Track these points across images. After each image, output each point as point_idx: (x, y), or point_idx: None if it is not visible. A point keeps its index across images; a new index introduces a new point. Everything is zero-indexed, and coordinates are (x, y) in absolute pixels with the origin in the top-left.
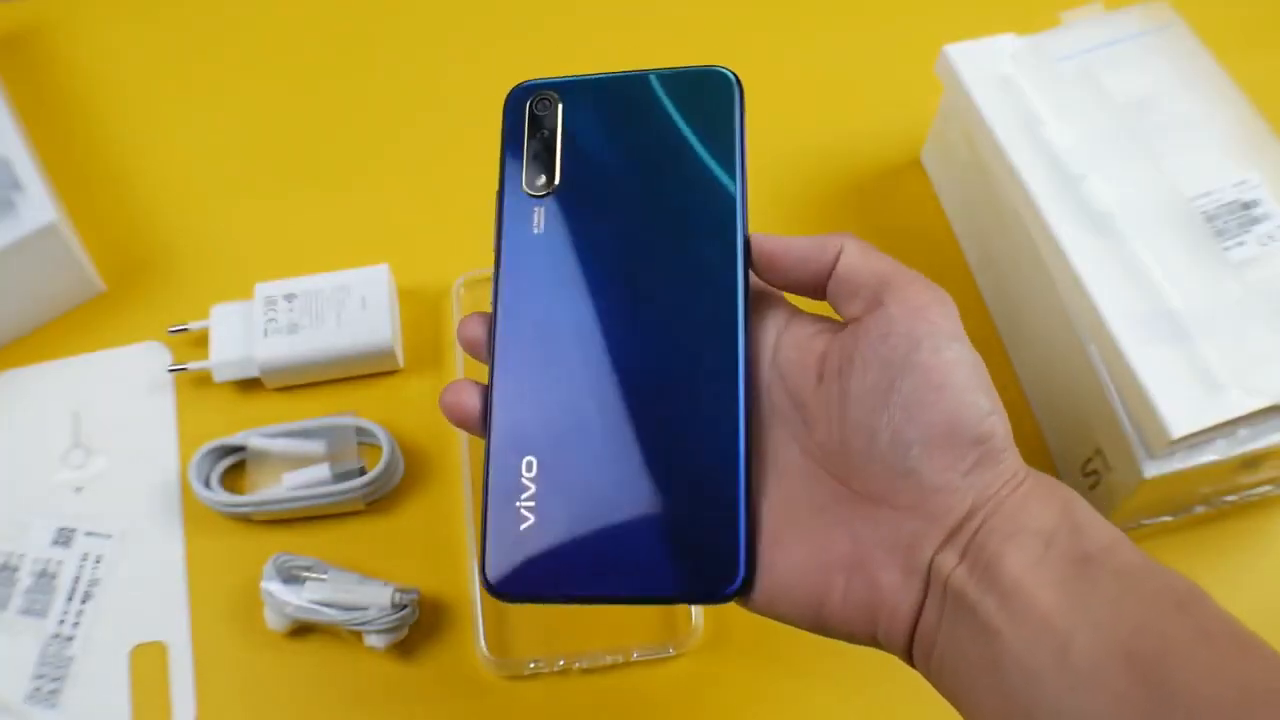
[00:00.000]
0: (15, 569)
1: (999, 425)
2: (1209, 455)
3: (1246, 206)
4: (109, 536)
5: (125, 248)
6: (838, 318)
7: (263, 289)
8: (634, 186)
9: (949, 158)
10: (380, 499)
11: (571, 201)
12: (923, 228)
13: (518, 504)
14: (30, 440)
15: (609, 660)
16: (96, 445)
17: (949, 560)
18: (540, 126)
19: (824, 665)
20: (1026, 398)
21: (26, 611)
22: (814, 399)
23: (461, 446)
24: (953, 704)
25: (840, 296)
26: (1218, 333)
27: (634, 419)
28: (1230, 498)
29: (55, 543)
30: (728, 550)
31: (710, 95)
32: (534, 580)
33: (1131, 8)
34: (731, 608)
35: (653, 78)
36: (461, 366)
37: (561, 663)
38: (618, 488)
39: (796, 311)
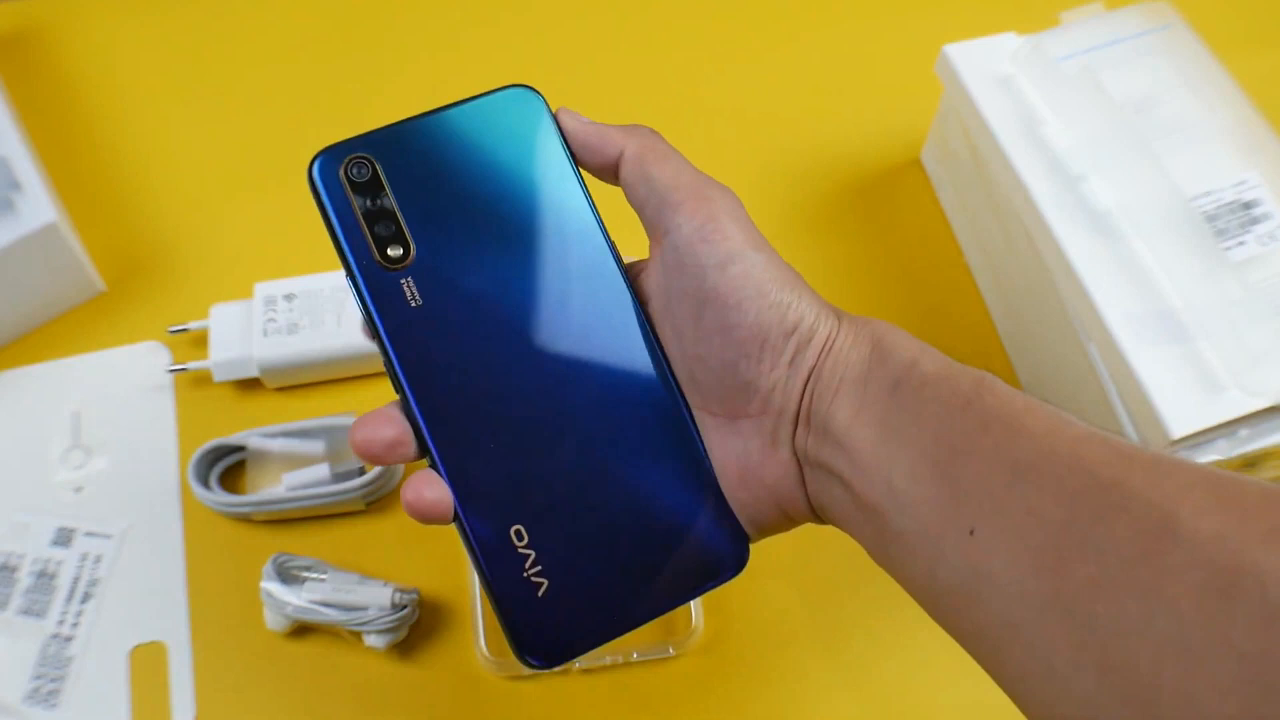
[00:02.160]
0: (15, 569)
1: (804, 309)
2: (1209, 455)
3: (1246, 206)
4: (109, 536)
5: (125, 248)
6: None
7: (262, 289)
8: (491, 228)
9: (949, 158)
10: (380, 499)
11: (438, 264)
12: (923, 228)
13: (525, 574)
14: (30, 440)
15: (609, 660)
16: (96, 445)
17: (802, 435)
18: (368, 192)
19: (823, 665)
20: None
21: (26, 611)
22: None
23: None
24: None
25: (632, 202)
26: (1218, 333)
27: (591, 451)
28: None
29: (55, 543)
30: (727, 529)
31: (521, 113)
32: (570, 639)
33: (1131, 8)
34: (732, 607)
35: (458, 112)
36: None
37: None
38: (607, 521)
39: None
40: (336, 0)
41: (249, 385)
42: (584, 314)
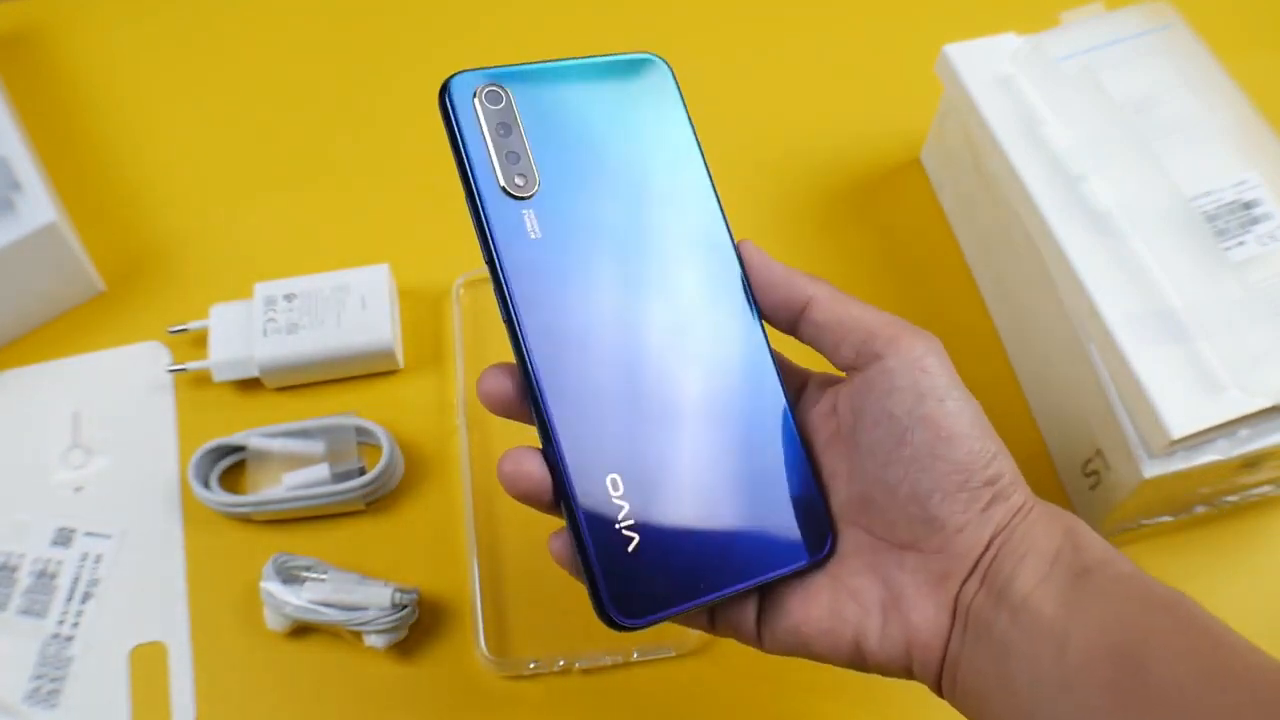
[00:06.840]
0: (15, 569)
1: (1006, 465)
2: (1209, 455)
3: (1246, 206)
4: (109, 536)
5: (125, 248)
6: (839, 374)
7: (262, 289)
8: (613, 178)
9: (949, 158)
10: (380, 499)
11: (561, 200)
12: (923, 228)
13: (618, 526)
14: (30, 440)
15: (609, 660)
16: (96, 445)
17: (971, 588)
18: (499, 121)
19: (822, 666)
20: (1026, 398)
21: (26, 611)
22: (830, 457)
23: (461, 446)
24: None
25: (824, 343)
26: (1218, 333)
27: (692, 414)
28: (1230, 498)
29: (55, 543)
30: (816, 513)
31: (651, 80)
32: (656, 600)
33: (1131, 8)
34: None
35: (596, 65)
36: (462, 367)
37: (561, 663)
38: (701, 484)
39: (807, 374)
40: (336, 1)
41: (249, 385)
42: (696, 274)
